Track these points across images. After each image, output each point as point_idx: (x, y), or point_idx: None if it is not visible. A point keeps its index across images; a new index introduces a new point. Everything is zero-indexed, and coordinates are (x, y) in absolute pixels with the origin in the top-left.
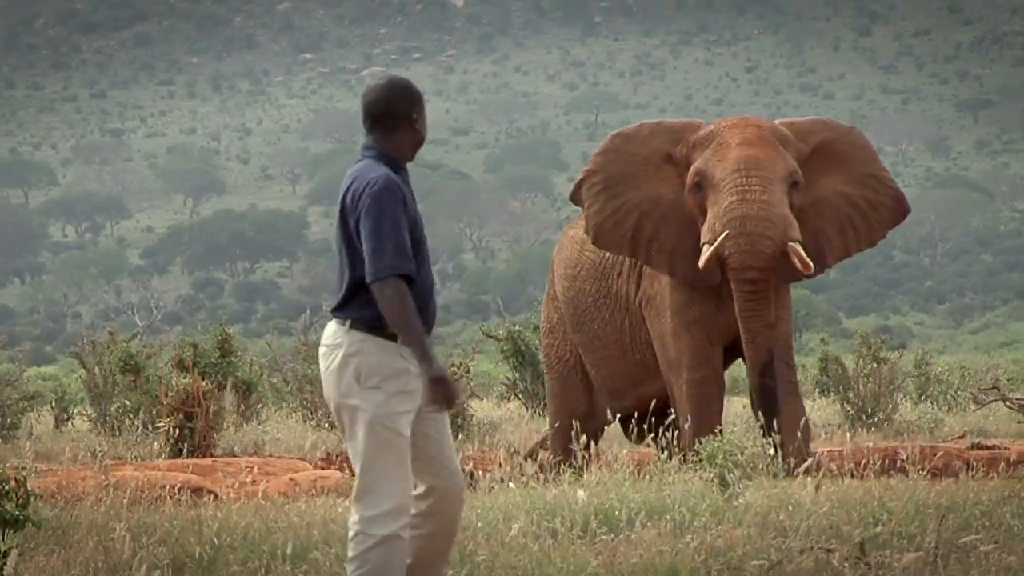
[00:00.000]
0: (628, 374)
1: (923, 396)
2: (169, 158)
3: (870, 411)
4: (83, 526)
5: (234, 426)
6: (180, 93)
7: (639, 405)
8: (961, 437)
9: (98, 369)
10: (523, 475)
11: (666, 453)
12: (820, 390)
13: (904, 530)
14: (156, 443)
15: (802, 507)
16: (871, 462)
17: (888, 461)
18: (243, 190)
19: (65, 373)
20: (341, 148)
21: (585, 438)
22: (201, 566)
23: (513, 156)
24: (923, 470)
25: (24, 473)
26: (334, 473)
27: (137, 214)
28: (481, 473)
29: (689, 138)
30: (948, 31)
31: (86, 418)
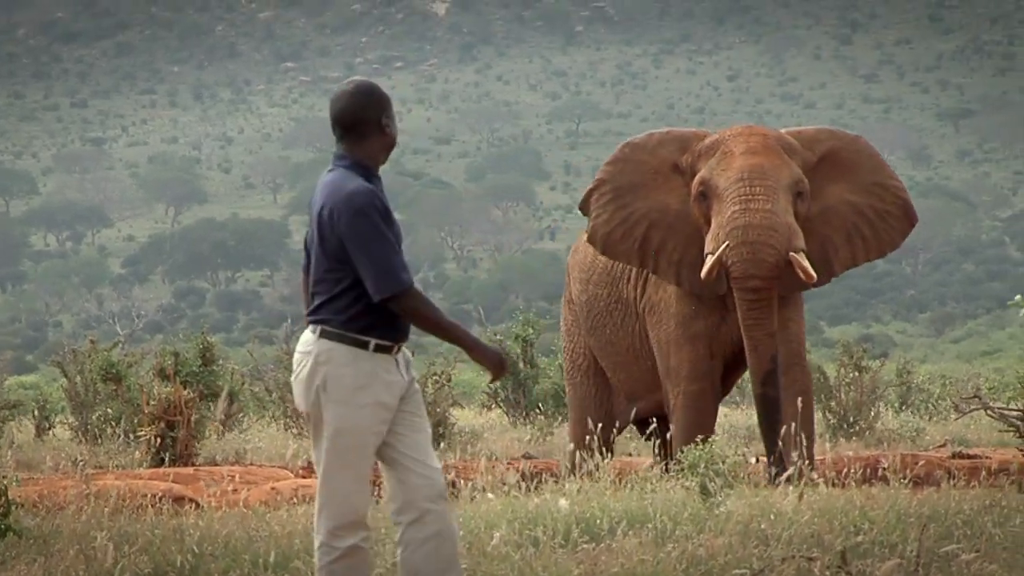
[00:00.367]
0: (642, 379)
1: (904, 405)
2: (150, 167)
3: (852, 420)
4: (64, 535)
5: (216, 435)
6: (161, 102)
7: (656, 408)
8: (942, 446)
9: (79, 378)
10: (504, 484)
11: (659, 460)
12: None
13: (885, 539)
14: (137, 452)
15: (784, 516)
16: (853, 471)
17: (870, 470)
18: (224, 199)
19: (46, 382)
20: (323, 157)
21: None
22: (183, 575)
23: (495, 165)
24: (904, 479)
25: (5, 482)
26: (315, 482)
27: (118, 223)
28: (463, 482)
29: (695, 147)
30: (929, 40)
31: (67, 427)
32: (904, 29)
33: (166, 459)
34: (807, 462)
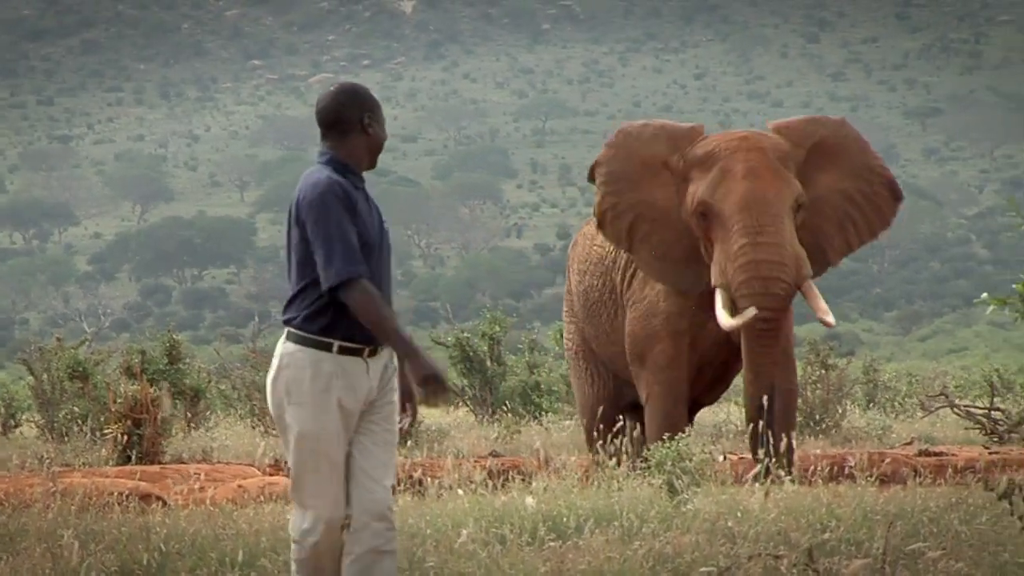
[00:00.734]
0: None
1: (871, 403)
2: (117, 165)
3: (818, 418)
4: (31, 533)
5: (182, 433)
6: (128, 100)
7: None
8: (909, 444)
9: (46, 376)
10: (471, 481)
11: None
12: None
13: (852, 536)
14: (104, 450)
15: (750, 514)
16: (819, 469)
17: (836, 468)
18: (191, 197)
19: (13, 380)
20: (290, 155)
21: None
22: (149, 573)
23: (462, 163)
24: (871, 477)
25: None
26: (282, 479)
27: (85, 221)
28: (430, 480)
29: (687, 150)
30: (896, 39)
31: (34, 425)
32: (871, 27)
33: (133, 457)
34: (791, 454)
